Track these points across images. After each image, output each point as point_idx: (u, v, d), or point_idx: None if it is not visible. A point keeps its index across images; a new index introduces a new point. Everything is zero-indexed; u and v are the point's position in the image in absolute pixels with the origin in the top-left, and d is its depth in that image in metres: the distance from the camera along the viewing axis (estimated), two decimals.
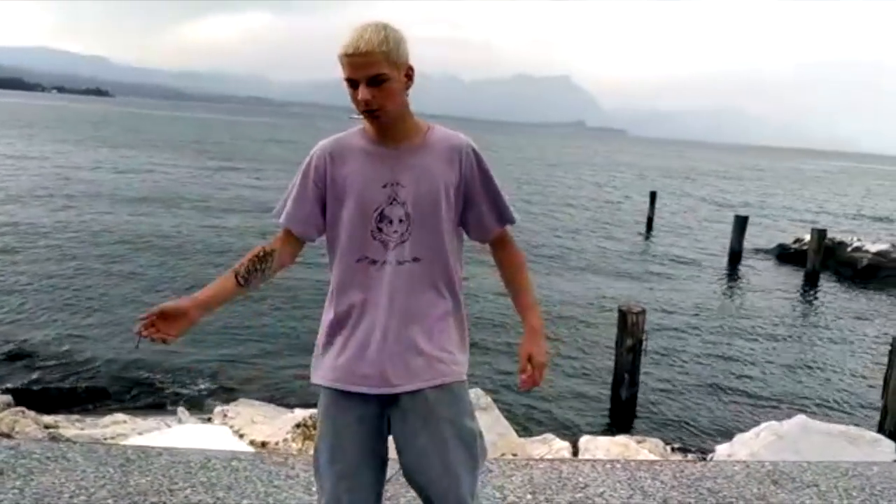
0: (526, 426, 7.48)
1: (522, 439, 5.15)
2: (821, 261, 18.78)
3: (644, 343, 8.35)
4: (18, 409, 5.48)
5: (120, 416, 5.76)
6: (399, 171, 2.16)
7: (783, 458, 4.56)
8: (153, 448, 3.97)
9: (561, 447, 5.66)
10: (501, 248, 2.37)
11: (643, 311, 8.34)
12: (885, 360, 11.86)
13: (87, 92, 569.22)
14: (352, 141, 2.23)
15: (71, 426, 5.26)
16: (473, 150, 2.24)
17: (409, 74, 2.13)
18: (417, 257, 2.18)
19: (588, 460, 4.40)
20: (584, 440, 5.17)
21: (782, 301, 16.74)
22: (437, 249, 2.20)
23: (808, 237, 20.54)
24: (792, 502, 3.85)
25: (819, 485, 4.11)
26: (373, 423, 2.19)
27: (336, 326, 2.21)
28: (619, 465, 4.22)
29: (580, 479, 3.94)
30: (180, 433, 4.60)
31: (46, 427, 4.97)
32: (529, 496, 3.70)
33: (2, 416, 5.11)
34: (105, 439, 4.78)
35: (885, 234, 26.63)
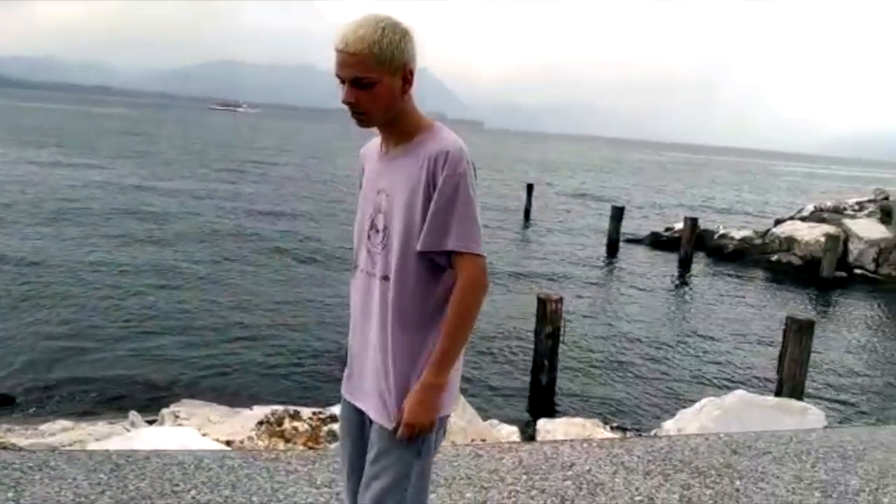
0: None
1: (486, 423, 5.28)
2: (692, 247, 19.99)
3: (562, 330, 8.68)
4: None
5: (64, 423, 5.45)
6: (385, 178, 2.04)
7: (732, 429, 4.93)
8: (137, 451, 3.83)
9: (510, 431, 5.85)
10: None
11: (561, 300, 8.67)
12: (761, 335, 13.05)
13: None
14: (375, 144, 2.16)
15: (19, 436, 4.93)
16: (446, 158, 1.94)
17: (406, 78, 1.95)
18: (386, 275, 2.01)
19: (566, 440, 4.59)
20: (542, 423, 5.38)
21: (664, 284, 17.78)
22: (409, 267, 1.99)
23: (678, 225, 21.86)
24: (755, 468, 4.19)
25: (772, 451, 4.48)
26: (359, 429, 2.17)
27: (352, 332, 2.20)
28: (595, 444, 4.44)
29: (565, 458, 4.12)
30: (146, 436, 4.43)
31: None
32: (525, 477, 3.85)
33: None
34: (63, 446, 4.53)
35: (738, 222, 28.62)
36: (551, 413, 8.17)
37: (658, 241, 22.71)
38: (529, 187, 28.68)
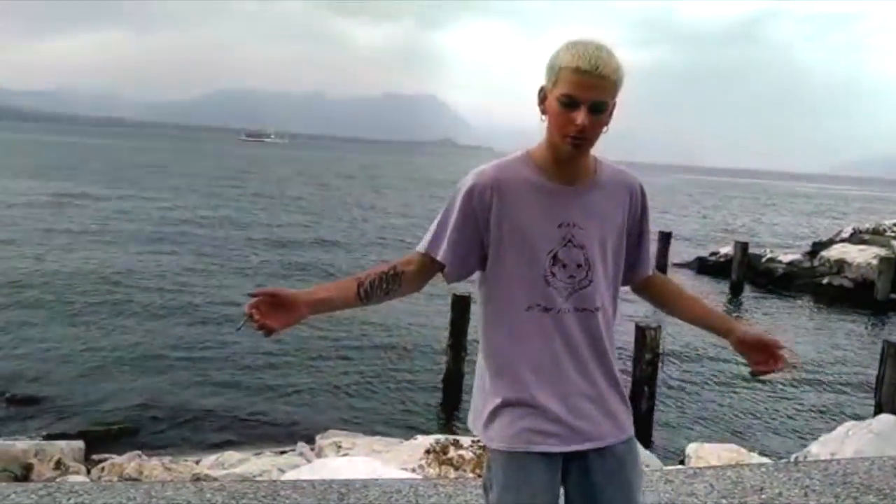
0: None
1: None
2: (744, 272, 20.09)
3: (661, 358, 8.83)
4: (135, 452, 5.30)
5: (242, 454, 5.65)
6: (575, 210, 1.99)
7: (888, 452, 5.06)
8: (353, 480, 4.01)
9: (646, 454, 5.98)
10: (660, 282, 2.27)
11: (659, 327, 8.82)
12: (838, 358, 13.12)
13: None
14: (519, 172, 2.01)
15: (213, 468, 5.12)
16: (643, 191, 2.11)
17: (612, 111, 1.94)
18: (598, 306, 2.02)
19: (757, 464, 4.73)
20: (692, 448, 5.52)
21: (724, 310, 17.82)
22: (612, 297, 2.09)
23: (724, 249, 22.03)
24: None
25: None
26: (555, 485, 2.04)
27: (513, 381, 2.01)
28: (772, 468, 4.58)
29: (755, 482, 4.26)
30: (334, 465, 4.61)
31: (179, 470, 4.82)
32: (724, 501, 3.99)
33: (121, 462, 4.94)
34: (254, 476, 4.72)
35: (773, 245, 28.64)
36: (647, 442, 8.27)
37: (704, 266, 22.81)
38: None
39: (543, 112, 1.95)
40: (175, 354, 10.83)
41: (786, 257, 22.04)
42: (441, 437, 5.48)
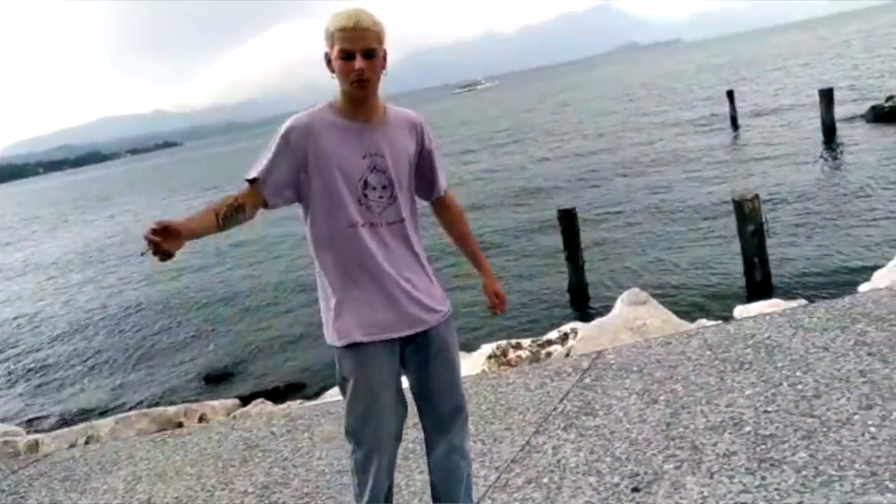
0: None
1: (680, 320, 5.80)
2: None
3: (766, 225, 8.81)
4: (259, 400, 6.55)
5: None
6: (375, 142, 2.46)
7: None
8: None
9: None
10: (446, 206, 2.81)
11: (756, 196, 8.80)
12: None
13: (158, 147, 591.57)
14: (324, 116, 2.46)
15: None
16: (424, 125, 2.63)
17: (385, 57, 2.42)
18: (403, 218, 2.52)
19: (749, 317, 5.02)
20: (739, 309, 5.78)
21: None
22: (412, 210, 2.59)
23: None
24: None
25: None
26: (397, 365, 2.55)
27: (349, 286, 2.47)
28: (777, 314, 4.84)
29: (747, 331, 4.58)
30: None
31: None
32: (708, 352, 4.37)
33: (248, 409, 6.14)
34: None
35: None
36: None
37: (880, 114, 21.07)
38: (730, 94, 27.56)
39: (332, 71, 2.41)
40: None
41: None
42: (503, 342, 6.14)
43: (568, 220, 10.37)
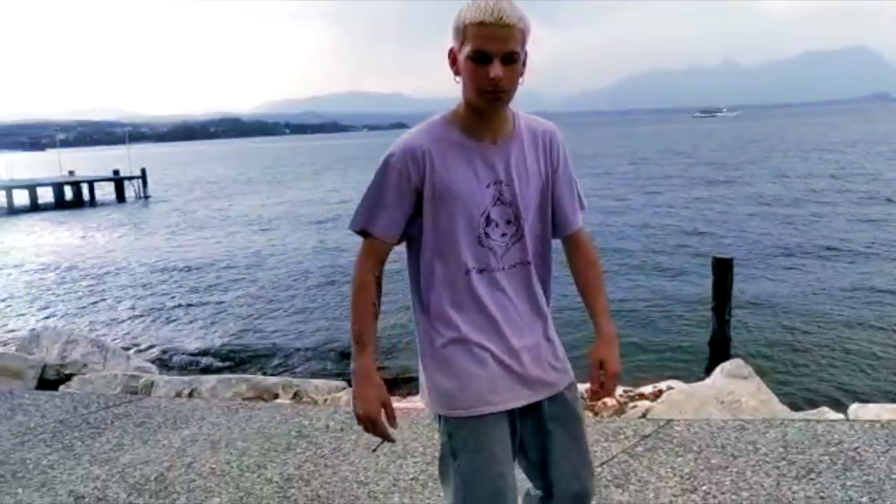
0: (792, 399, 7.41)
1: (783, 407, 5.27)
2: None
3: None
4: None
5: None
6: (501, 167, 2.00)
7: None
8: None
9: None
10: (577, 245, 2.21)
11: None
12: None
13: (392, 127, 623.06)
14: (442, 134, 1.99)
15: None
16: (557, 136, 2.11)
17: (525, 62, 1.91)
18: (528, 260, 2.07)
19: (847, 420, 4.49)
20: (854, 408, 5.17)
21: None
22: (541, 248, 2.12)
23: None
24: None
25: None
26: (510, 439, 2.07)
27: (457, 343, 2.03)
28: (878, 425, 4.29)
29: (835, 435, 4.10)
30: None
31: None
32: (781, 449, 3.95)
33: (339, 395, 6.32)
34: None
35: None
36: None
37: None
38: None
39: (456, 73, 1.93)
40: None
41: None
42: None
43: (721, 270, 9.75)
